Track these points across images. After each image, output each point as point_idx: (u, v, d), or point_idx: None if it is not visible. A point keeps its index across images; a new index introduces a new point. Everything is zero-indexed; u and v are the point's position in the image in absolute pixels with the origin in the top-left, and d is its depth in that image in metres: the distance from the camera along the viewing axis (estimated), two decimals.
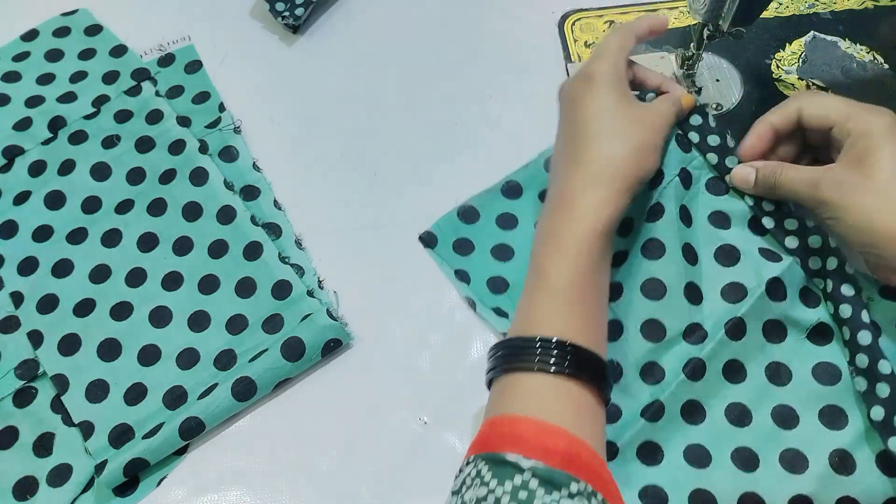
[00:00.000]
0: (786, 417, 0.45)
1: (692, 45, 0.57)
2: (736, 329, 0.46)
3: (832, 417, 0.44)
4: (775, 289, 0.46)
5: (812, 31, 0.63)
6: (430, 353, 0.50)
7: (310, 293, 0.51)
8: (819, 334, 0.46)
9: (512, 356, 0.40)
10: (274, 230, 0.55)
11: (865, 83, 0.60)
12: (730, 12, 0.51)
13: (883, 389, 0.42)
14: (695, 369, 0.45)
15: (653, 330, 0.47)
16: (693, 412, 0.46)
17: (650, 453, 0.45)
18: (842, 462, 0.43)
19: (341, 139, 0.60)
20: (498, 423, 0.38)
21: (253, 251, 0.53)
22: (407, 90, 0.62)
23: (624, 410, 0.46)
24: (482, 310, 0.51)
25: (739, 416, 0.45)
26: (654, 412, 0.45)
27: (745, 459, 0.44)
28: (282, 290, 0.51)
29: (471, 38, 0.65)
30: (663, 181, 0.49)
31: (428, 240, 0.54)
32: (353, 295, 0.52)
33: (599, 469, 0.36)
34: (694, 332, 0.46)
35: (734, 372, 0.46)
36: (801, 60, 0.61)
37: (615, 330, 0.48)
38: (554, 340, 0.39)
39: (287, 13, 0.65)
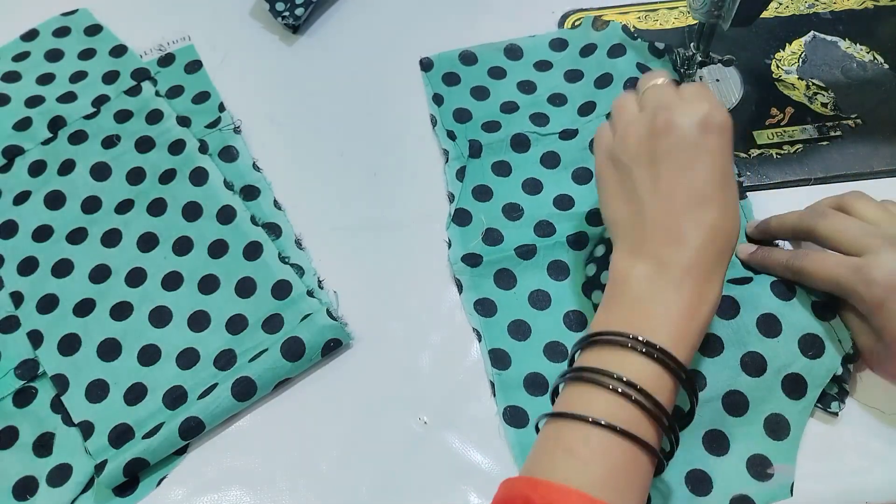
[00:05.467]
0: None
1: (692, 44, 0.57)
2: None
3: (539, 298, 0.51)
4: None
5: (812, 31, 0.63)
6: (430, 353, 0.50)
7: (310, 293, 0.51)
8: (576, 242, 0.53)
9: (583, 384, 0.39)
10: (274, 230, 0.55)
11: (865, 83, 0.60)
12: (730, 12, 0.51)
13: (605, 276, 0.46)
14: None
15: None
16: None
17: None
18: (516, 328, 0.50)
19: (341, 139, 0.60)
20: (543, 489, 0.36)
21: (253, 251, 0.53)
22: (407, 90, 0.62)
23: None
24: (439, 129, 0.59)
25: (495, 240, 0.53)
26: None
27: None
28: (282, 290, 0.51)
29: (471, 38, 0.65)
30: None
31: (426, 64, 0.62)
32: (353, 295, 0.52)
33: None
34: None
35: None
36: (801, 60, 0.61)
37: None
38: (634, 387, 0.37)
39: (287, 13, 0.65)
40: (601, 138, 0.47)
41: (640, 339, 0.38)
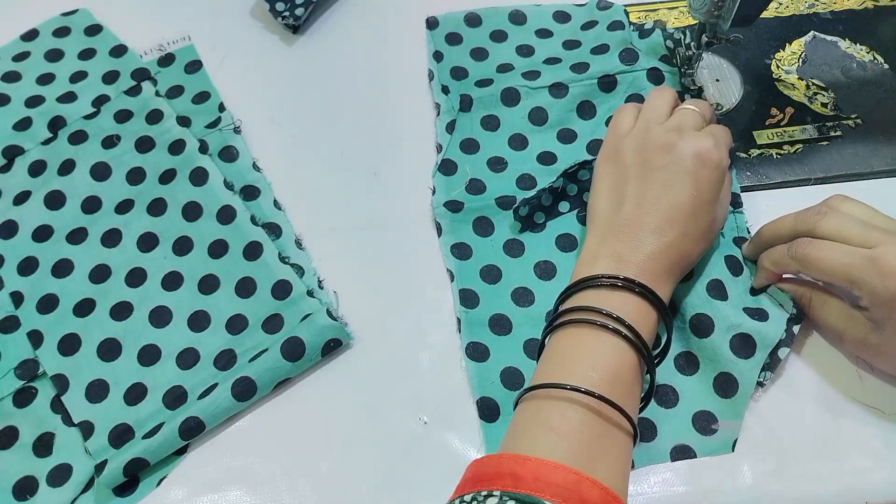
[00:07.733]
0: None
1: (692, 44, 0.57)
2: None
3: (513, 247, 0.53)
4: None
5: (812, 31, 0.63)
6: (430, 353, 0.50)
7: (310, 293, 0.51)
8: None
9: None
10: (274, 230, 0.55)
11: (865, 83, 0.60)
12: (730, 12, 0.51)
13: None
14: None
15: None
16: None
17: None
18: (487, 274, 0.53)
19: (341, 139, 0.60)
20: (532, 465, 0.37)
21: (253, 251, 0.53)
22: (407, 90, 0.62)
23: None
24: (434, 83, 0.61)
25: (477, 189, 0.55)
26: None
27: None
28: (282, 290, 0.51)
29: None
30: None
31: (432, 23, 0.65)
32: (353, 295, 0.52)
33: None
34: None
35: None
36: (801, 60, 0.61)
37: None
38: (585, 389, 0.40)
39: (287, 13, 0.65)
40: (619, 126, 0.50)
41: (604, 311, 0.42)
